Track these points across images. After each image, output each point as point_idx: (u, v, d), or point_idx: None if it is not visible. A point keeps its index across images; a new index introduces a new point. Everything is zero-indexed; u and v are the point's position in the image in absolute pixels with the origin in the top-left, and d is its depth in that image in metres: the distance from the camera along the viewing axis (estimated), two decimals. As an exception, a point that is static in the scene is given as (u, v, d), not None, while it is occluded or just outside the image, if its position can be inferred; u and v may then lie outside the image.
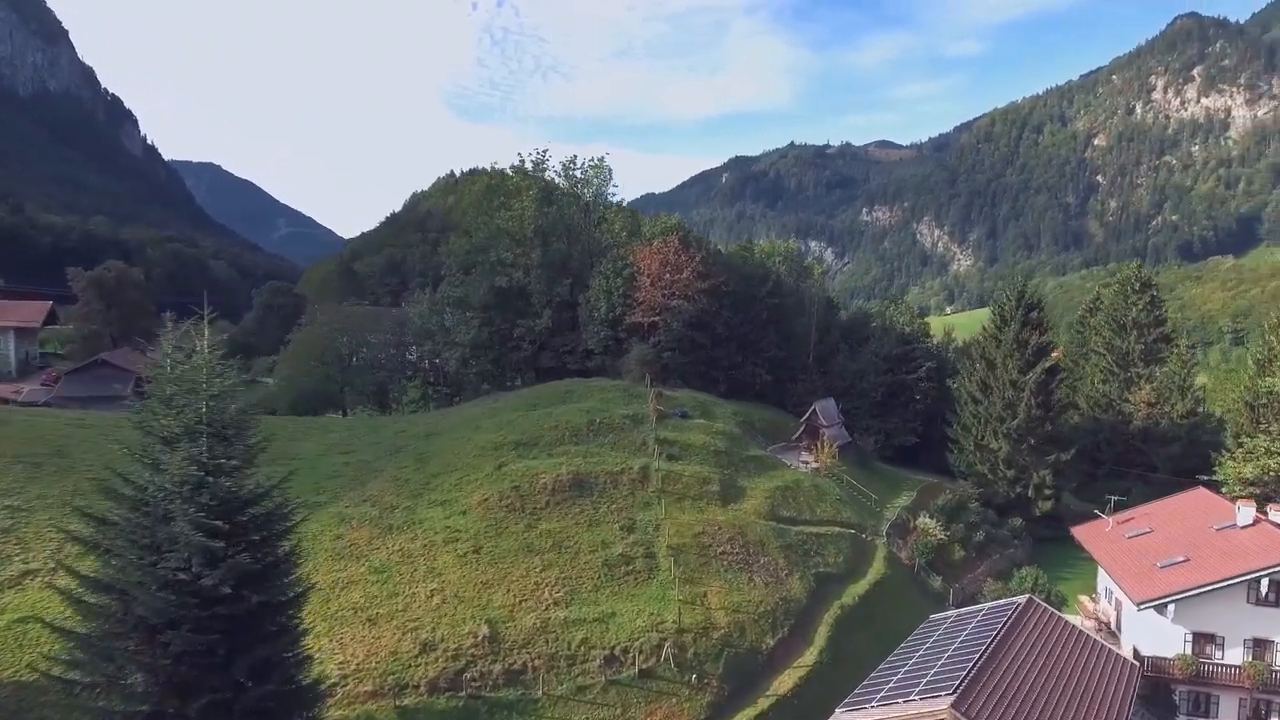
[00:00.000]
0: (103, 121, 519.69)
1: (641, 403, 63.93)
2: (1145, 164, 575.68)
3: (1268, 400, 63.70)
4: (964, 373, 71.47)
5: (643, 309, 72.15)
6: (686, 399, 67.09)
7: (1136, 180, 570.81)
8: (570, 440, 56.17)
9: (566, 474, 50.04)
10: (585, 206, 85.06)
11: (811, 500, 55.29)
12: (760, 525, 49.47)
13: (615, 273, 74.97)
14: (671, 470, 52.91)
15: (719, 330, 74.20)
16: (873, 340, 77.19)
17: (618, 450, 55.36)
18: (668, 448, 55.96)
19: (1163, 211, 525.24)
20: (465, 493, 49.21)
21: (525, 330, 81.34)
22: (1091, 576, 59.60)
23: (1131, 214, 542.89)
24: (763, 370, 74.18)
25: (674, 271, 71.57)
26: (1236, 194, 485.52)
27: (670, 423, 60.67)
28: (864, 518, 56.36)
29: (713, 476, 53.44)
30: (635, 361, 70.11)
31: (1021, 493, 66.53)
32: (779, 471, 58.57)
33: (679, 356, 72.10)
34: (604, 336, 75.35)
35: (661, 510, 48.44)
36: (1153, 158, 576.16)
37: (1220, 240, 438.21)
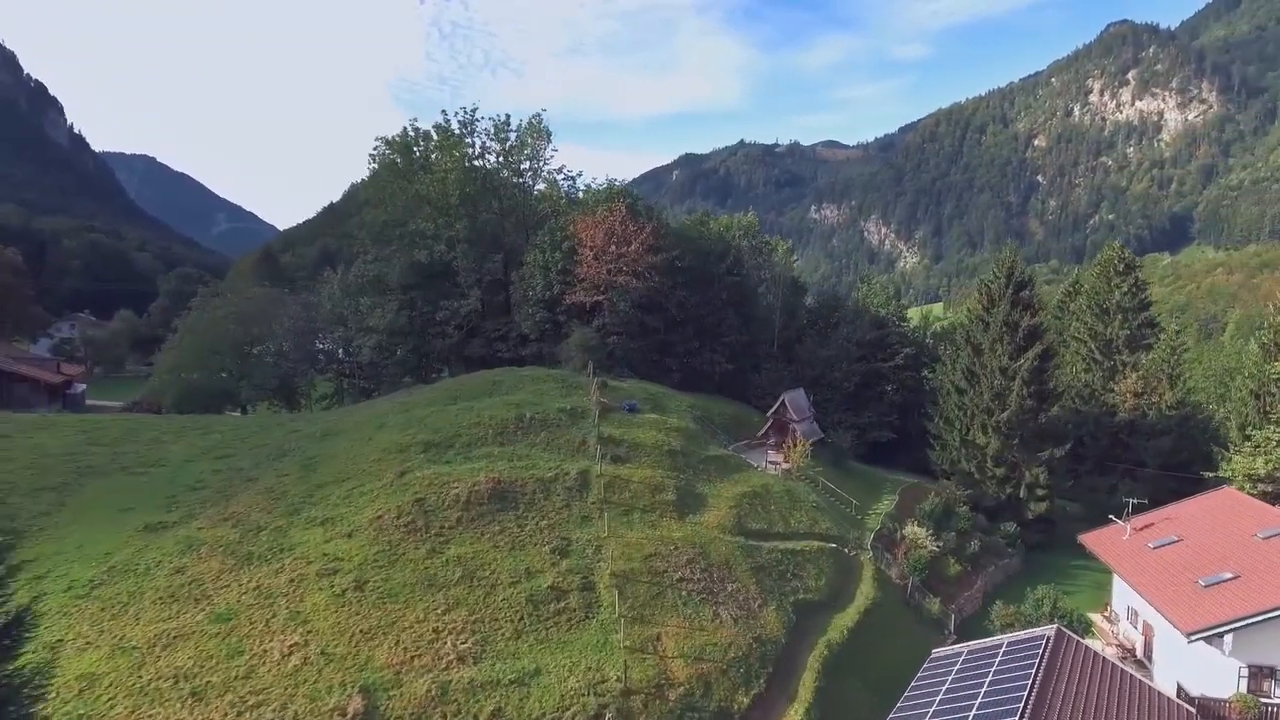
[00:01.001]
0: (25, 109, 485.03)
1: (582, 394, 54.23)
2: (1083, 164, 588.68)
3: (1277, 389, 57.40)
4: (946, 360, 63.68)
5: (584, 287, 62.40)
6: (635, 390, 57.61)
7: (1075, 180, 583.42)
8: (494, 440, 46.18)
9: (486, 482, 40.07)
10: (519, 171, 74.64)
11: (784, 509, 46.33)
12: (726, 542, 40.26)
13: (553, 245, 65.07)
14: (617, 475, 43.35)
15: (673, 312, 64.91)
16: (843, 325, 68.87)
17: (551, 452, 45.55)
18: (613, 448, 46.40)
19: (1100, 211, 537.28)
20: (355, 508, 38.90)
21: (450, 313, 70.84)
22: (1097, 589, 52.36)
23: (1070, 213, 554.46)
24: (722, 358, 65.16)
25: (621, 244, 61.97)
26: (1169, 194, 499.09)
27: (616, 418, 51.12)
28: (845, 528, 47.66)
29: (667, 482, 44.04)
30: (575, 347, 60.35)
31: (1012, 493, 58.98)
32: (745, 474, 49.48)
33: (627, 341, 62.59)
34: (540, 319, 65.35)
35: (604, 526, 38.83)
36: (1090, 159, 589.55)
37: (1155, 239, 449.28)
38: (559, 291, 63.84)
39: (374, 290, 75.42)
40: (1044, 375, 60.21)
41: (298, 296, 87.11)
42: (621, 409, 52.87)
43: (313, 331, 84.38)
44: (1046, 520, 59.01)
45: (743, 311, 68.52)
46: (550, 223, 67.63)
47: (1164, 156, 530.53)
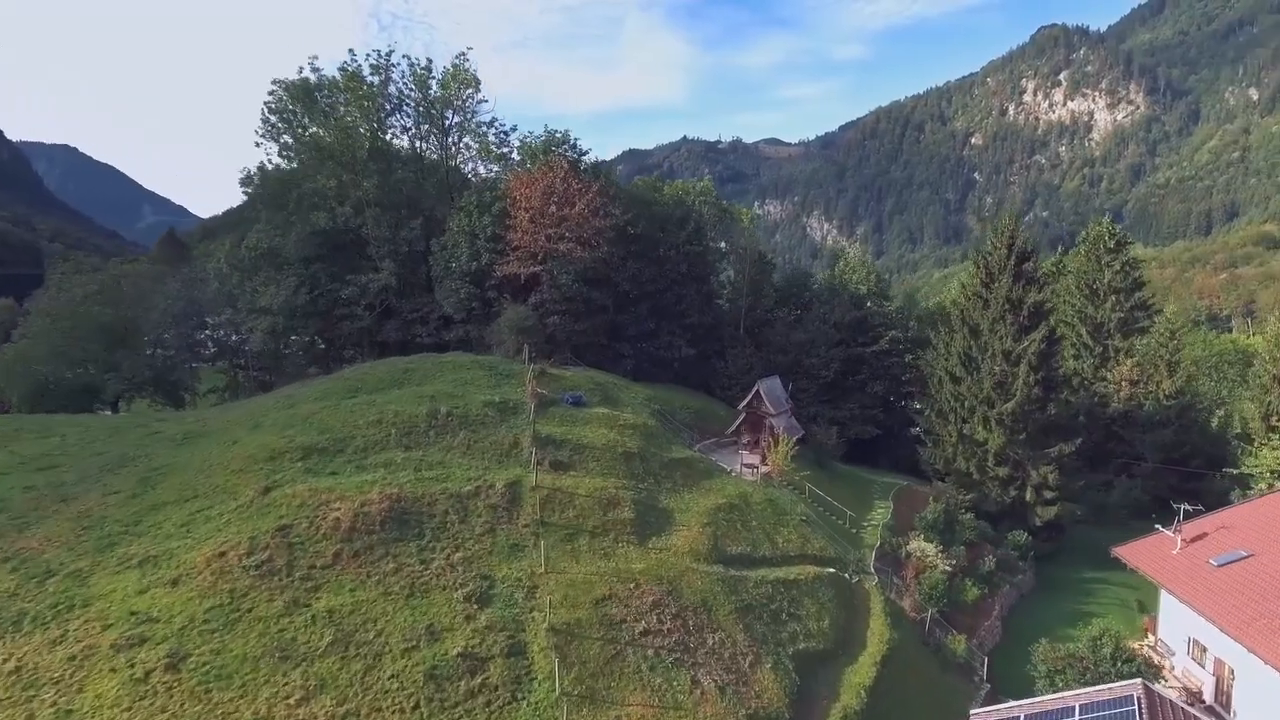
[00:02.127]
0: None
1: (515, 385, 43.94)
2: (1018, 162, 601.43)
3: (1304, 374, 51.01)
4: (938, 344, 55.42)
5: (519, 256, 52.04)
6: (581, 380, 47.60)
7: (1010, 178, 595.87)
8: (398, 443, 35.61)
9: (379, 500, 29.61)
10: (444, 128, 63.52)
11: (769, 524, 36.97)
12: (701, 574, 30.67)
13: (481, 207, 54.47)
14: (558, 487, 33.31)
15: (624, 287, 55.10)
16: (818, 305, 60.06)
17: (473, 457, 35.22)
18: (553, 451, 36.32)
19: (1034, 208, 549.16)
20: (192, 541, 28.05)
21: (359, 290, 59.40)
22: (1122, 608, 44.82)
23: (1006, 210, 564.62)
24: (683, 341, 55.58)
25: (562, 205, 51.77)
26: (1099, 192, 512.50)
27: (558, 413, 41.05)
28: (841, 546, 38.60)
29: (622, 495, 34.17)
30: (507, 328, 49.96)
31: (1017, 496, 51.05)
32: (717, 481, 39.98)
33: (570, 322, 52.52)
34: (465, 296, 54.66)
35: (540, 559, 28.79)
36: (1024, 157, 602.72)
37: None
38: (488, 262, 53.26)
39: (269, 265, 63.27)
40: (1052, 360, 52.46)
41: (179, 272, 74.02)
42: (563, 402, 42.81)
43: (198, 314, 71.51)
44: (1055, 527, 51.31)
45: (705, 288, 59.19)
46: (478, 181, 57.01)
47: (1094, 155, 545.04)
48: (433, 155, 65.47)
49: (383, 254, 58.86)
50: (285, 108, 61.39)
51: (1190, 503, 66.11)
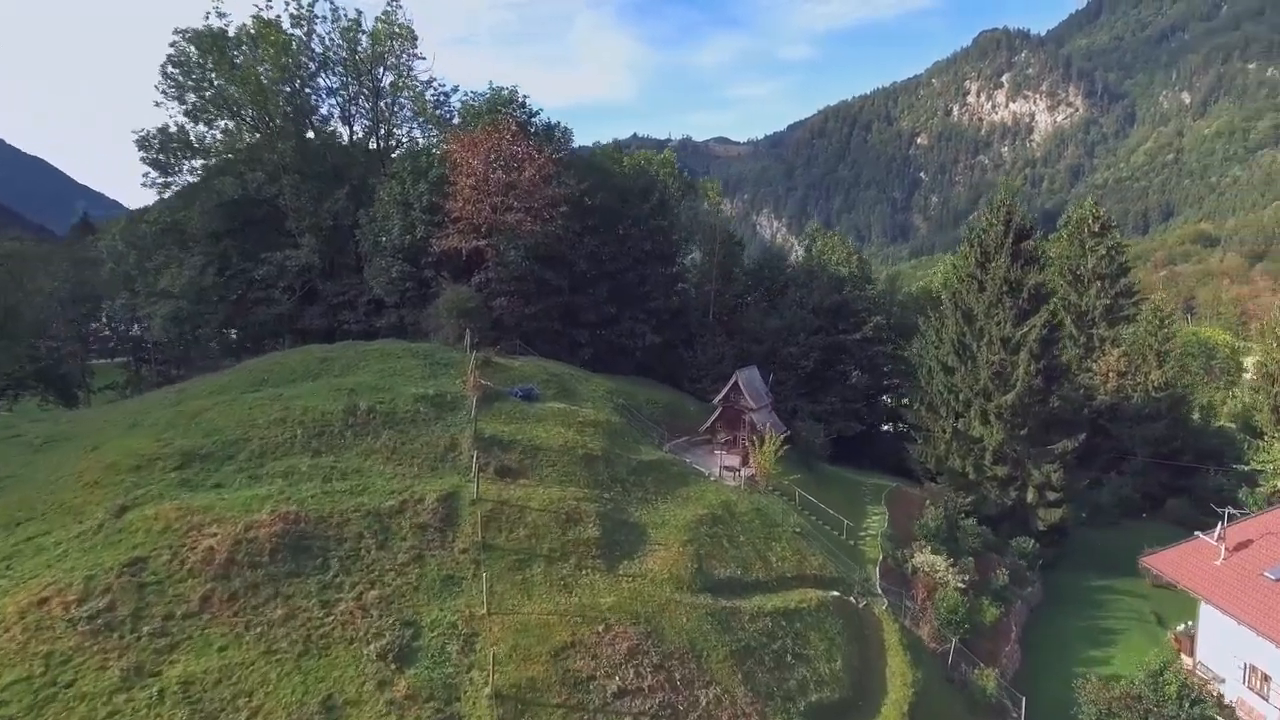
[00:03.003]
0: None
1: (455, 376, 37.17)
2: (962, 162, 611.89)
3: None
4: (928, 331, 50.38)
5: (460, 229, 45.09)
6: (533, 371, 41.02)
7: (955, 178, 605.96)
8: (305, 447, 28.59)
9: (271, 522, 22.68)
10: (376, 90, 55.97)
11: (759, 540, 31.00)
12: (685, 608, 24.52)
13: (416, 174, 47.32)
14: (506, 500, 26.74)
15: (581, 266, 48.66)
16: (794, 288, 54.48)
17: (399, 463, 28.39)
18: (499, 454, 29.73)
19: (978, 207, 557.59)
20: (7, 583, 20.78)
21: (276, 270, 51.59)
22: (1138, 622, 40.29)
23: (951, 209, 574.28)
24: (647, 328, 49.29)
25: (509, 170, 44.97)
26: (1041, 192, 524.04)
27: (505, 409, 34.40)
28: (841, 562, 32.84)
29: (585, 508, 27.77)
30: (447, 311, 43.00)
31: (1018, 498, 46.26)
32: (695, 488, 33.85)
33: (520, 305, 45.85)
34: (398, 275, 47.46)
35: (479, 596, 22.23)
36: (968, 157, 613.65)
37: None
38: (424, 236, 46.14)
39: (171, 241, 54.87)
40: (1053, 347, 47.88)
41: (67, 251, 64.69)
42: (512, 396, 36.18)
43: (91, 300, 62.54)
44: (1058, 530, 46.69)
45: (671, 269, 53.07)
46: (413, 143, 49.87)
47: (1036, 156, 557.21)
48: (364, 119, 57.87)
49: (303, 228, 51.13)
50: (189, 61, 53.07)
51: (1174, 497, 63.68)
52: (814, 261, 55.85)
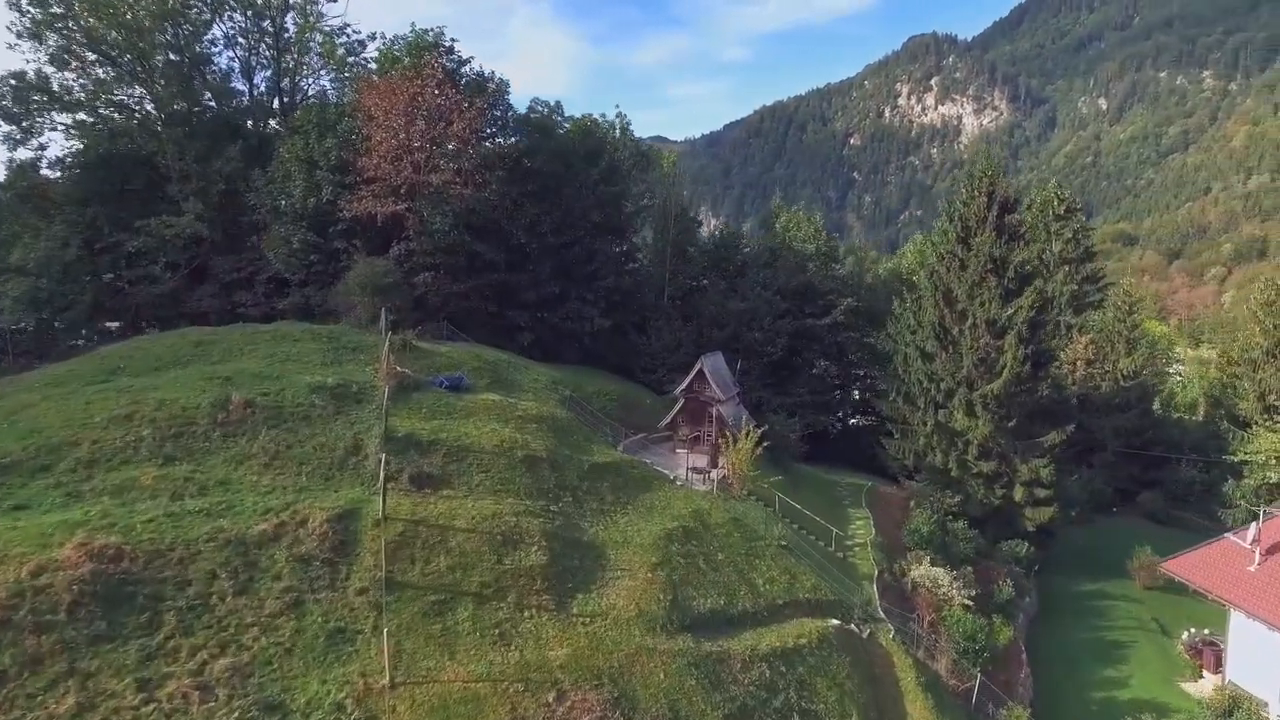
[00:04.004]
0: None
1: (365, 363, 30.49)
2: (894, 163, 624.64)
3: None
4: (905, 315, 45.87)
5: (375, 191, 38.15)
6: (463, 357, 34.51)
7: (887, 178, 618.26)
8: (155, 452, 21.70)
9: (78, 559, 15.89)
10: (277, 39, 48.20)
11: (740, 558, 25.42)
12: (662, 660, 18.70)
13: (322, 127, 40.14)
14: (424, 518, 20.41)
15: (520, 239, 42.31)
16: (755, 268, 49.25)
17: (282, 472, 21.70)
18: (415, 458, 23.32)
19: (909, 207, 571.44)
20: None
21: (156, 242, 43.53)
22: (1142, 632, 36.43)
23: (884, 209, 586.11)
24: (595, 310, 43.16)
25: (434, 122, 38.27)
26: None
27: (427, 401, 27.93)
28: (836, 580, 27.53)
29: (527, 525, 21.64)
30: (359, 287, 36.13)
31: (1005, 496, 42.05)
32: (659, 494, 28.06)
33: (447, 282, 39.24)
34: (301, 245, 40.18)
35: (380, 658, 15.86)
36: (899, 158, 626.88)
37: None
38: (332, 199, 38.99)
39: (26, 207, 46.08)
40: (1041, 331, 43.96)
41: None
42: (435, 386, 29.71)
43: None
44: (1046, 531, 42.69)
45: (622, 244, 47.16)
46: (321, 96, 42.51)
47: (963, 158, 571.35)
48: (265, 72, 50.00)
49: (187, 192, 43.17)
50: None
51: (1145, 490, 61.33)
52: (777, 239, 50.76)
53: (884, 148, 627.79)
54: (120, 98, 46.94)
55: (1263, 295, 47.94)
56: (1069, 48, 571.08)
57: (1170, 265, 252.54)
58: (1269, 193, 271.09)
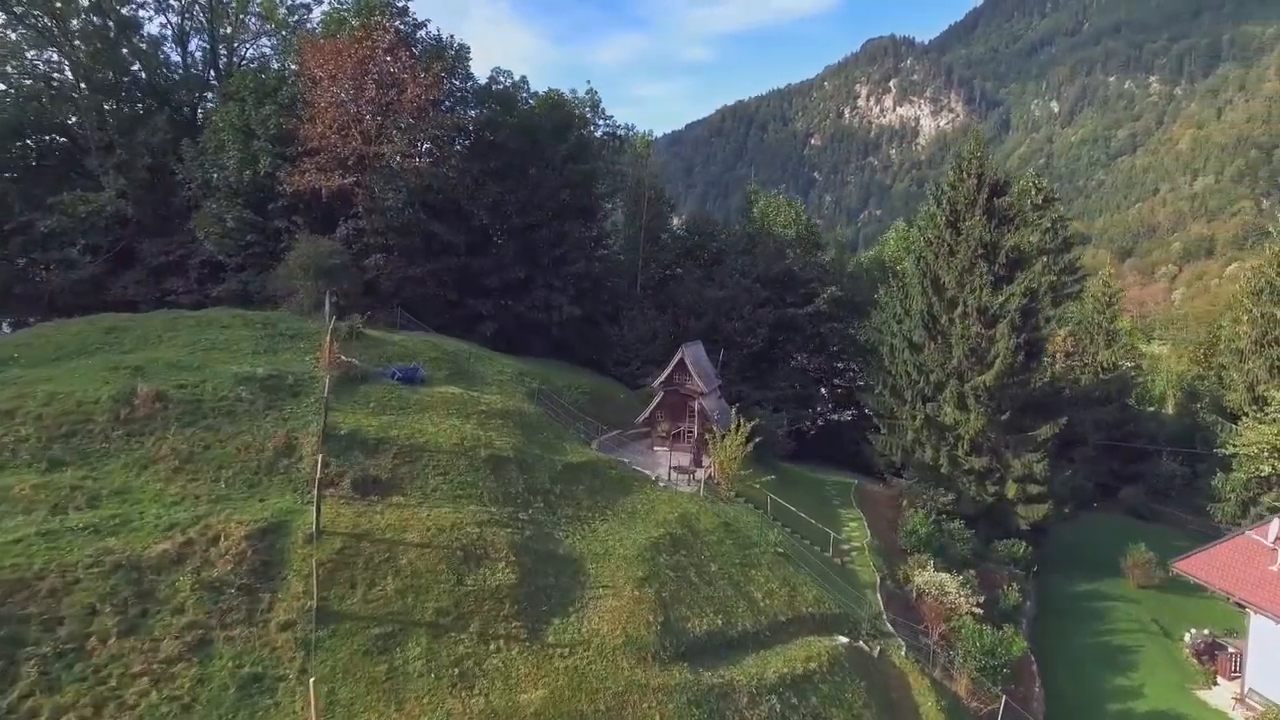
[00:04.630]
0: None
1: (304, 351, 26.87)
2: (853, 163, 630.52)
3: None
4: (891, 304, 43.61)
5: (320, 164, 34.35)
6: (419, 347, 31.02)
7: (846, 177, 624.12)
8: (36, 456, 18.08)
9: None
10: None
11: (734, 569, 22.50)
12: (655, 697, 15.66)
13: (261, 93, 36.16)
14: (366, 531, 17.02)
15: (482, 219, 38.85)
16: (733, 255, 46.51)
17: (196, 478, 18.09)
18: (360, 459, 19.90)
19: (869, 206, 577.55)
20: None
21: (73, 222, 38.98)
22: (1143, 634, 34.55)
23: (844, 208, 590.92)
24: (565, 298, 39.85)
25: (386, 88, 34.63)
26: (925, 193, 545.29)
27: (376, 395, 24.46)
28: (838, 590, 24.76)
29: (493, 537, 18.40)
30: (301, 268, 32.37)
31: (997, 493, 39.95)
32: (641, 497, 25.02)
33: (402, 265, 35.66)
34: (237, 224, 36.18)
35: (306, 711, 12.50)
36: (859, 158, 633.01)
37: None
38: (270, 171, 35.04)
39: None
40: (1034, 320, 41.98)
41: None
42: (387, 378, 26.23)
43: None
44: (1039, 530, 40.70)
45: (592, 228, 43.93)
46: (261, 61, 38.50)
47: (921, 159, 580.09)
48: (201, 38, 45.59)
49: (108, 165, 38.74)
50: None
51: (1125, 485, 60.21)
52: (756, 225, 48.01)
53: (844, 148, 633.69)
54: (34, 63, 42.24)
55: (1249, 284, 46.66)
56: (1022, 52, 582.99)
57: (1123, 263, 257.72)
58: (1214, 194, 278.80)
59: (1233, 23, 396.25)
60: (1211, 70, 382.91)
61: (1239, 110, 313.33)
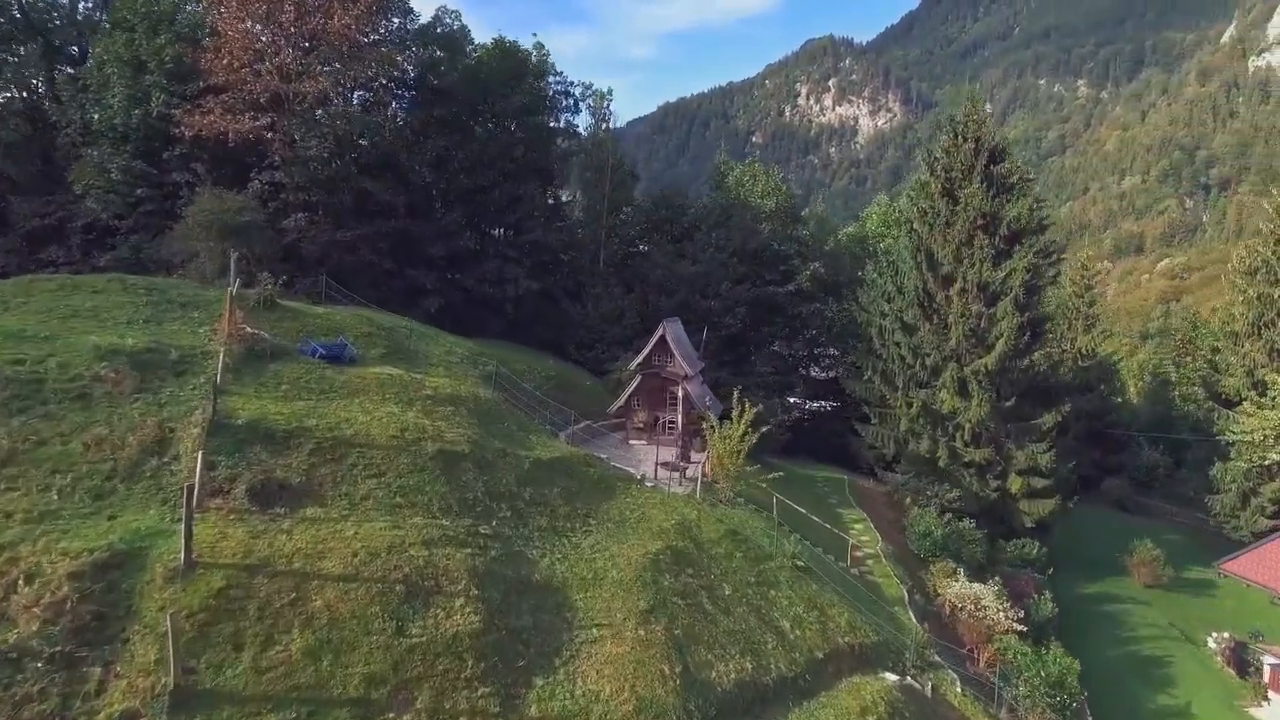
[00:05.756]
0: None
1: (198, 321, 21.16)
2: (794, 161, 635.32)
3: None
4: (882, 282, 39.77)
5: (227, 103, 28.35)
6: (350, 321, 25.49)
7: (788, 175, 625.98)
8: None
9: None
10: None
11: (751, 589, 17.94)
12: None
13: (154, 18, 29.91)
14: (260, 561, 11.68)
15: (425, 177, 33.27)
16: (706, 228, 42.03)
17: (14, 484, 12.38)
18: (263, 458, 14.48)
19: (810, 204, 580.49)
20: None
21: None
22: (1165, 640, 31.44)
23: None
24: (521, 270, 34.62)
25: (308, 15, 28.84)
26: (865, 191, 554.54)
27: (290, 375, 18.99)
28: (868, 606, 20.40)
29: (445, 561, 13.32)
30: (202, 226, 26.44)
31: (1000, 487, 36.54)
32: (629, 502, 20.25)
33: (329, 228, 29.89)
34: (123, 177, 29.82)
35: None
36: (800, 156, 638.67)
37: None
38: (165, 113, 28.90)
39: None
40: (1037, 297, 38.80)
41: None
42: (305, 355, 20.79)
43: None
44: (1042, 528, 37.47)
45: (550, 191, 38.77)
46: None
47: (860, 157, 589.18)
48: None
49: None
50: None
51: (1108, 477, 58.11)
52: (732, 195, 43.54)
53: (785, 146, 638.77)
54: None
55: (1243, 263, 44.55)
56: (956, 55, 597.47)
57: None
58: (1140, 193, 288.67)
59: (1155, 29, 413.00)
60: (1136, 74, 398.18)
61: (1162, 113, 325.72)
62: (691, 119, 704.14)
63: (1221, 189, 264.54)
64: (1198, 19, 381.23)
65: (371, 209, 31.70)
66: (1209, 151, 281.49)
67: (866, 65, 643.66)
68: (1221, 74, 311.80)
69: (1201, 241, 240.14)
